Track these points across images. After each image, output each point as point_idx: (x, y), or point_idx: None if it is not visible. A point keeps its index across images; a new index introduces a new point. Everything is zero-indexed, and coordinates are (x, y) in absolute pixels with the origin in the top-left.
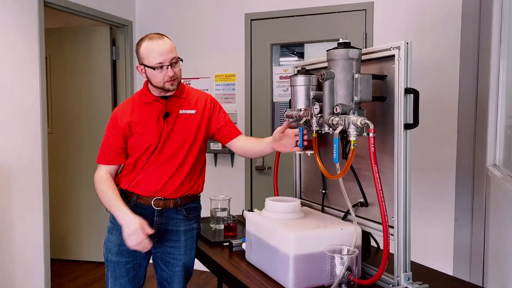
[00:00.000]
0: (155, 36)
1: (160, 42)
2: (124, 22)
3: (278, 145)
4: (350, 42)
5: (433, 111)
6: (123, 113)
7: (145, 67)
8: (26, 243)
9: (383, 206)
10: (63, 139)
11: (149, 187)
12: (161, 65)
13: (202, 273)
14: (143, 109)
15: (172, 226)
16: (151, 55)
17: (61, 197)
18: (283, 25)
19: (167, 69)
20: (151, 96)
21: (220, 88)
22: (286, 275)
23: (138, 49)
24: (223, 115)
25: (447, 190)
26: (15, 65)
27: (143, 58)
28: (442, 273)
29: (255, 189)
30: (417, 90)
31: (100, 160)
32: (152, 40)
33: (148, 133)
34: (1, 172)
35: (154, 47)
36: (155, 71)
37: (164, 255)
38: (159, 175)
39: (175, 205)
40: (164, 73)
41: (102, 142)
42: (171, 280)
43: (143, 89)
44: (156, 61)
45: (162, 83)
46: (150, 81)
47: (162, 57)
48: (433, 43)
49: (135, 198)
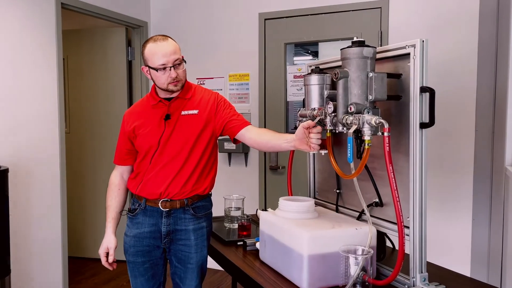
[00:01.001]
0: (159, 38)
1: (164, 44)
2: (140, 23)
3: (300, 143)
4: (364, 40)
5: (450, 110)
6: (130, 116)
7: (149, 68)
8: (44, 241)
9: (398, 206)
10: (81, 139)
11: (154, 190)
12: (164, 66)
13: (216, 272)
14: (149, 112)
15: (181, 226)
16: (155, 56)
17: (78, 195)
18: (297, 24)
19: (170, 70)
20: (157, 98)
21: (234, 87)
22: (300, 275)
23: (143, 50)
24: (228, 110)
25: (464, 190)
26: (33, 66)
27: (147, 59)
28: (459, 274)
29: (269, 188)
30: (433, 89)
31: (114, 160)
32: (156, 42)
33: (149, 135)
34: (20, 171)
35: (158, 48)
36: (158, 73)
37: (177, 252)
38: (162, 177)
39: (182, 205)
40: (167, 75)
41: (117, 143)
42: (184, 276)
43: (151, 91)
44: (159, 62)
45: (165, 84)
46: (154, 82)
47: (165, 58)
48: (450, 41)
49: (144, 201)
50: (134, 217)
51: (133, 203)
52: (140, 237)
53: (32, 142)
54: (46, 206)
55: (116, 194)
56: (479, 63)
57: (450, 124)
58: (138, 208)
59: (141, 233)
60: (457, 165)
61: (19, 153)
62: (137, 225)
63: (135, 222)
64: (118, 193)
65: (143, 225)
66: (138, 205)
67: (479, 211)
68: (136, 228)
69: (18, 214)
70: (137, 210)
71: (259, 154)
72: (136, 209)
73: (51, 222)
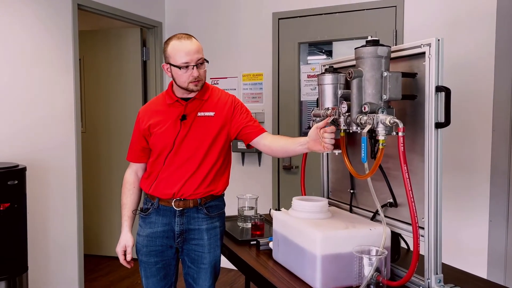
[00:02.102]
0: (183, 36)
1: (188, 42)
2: (154, 24)
3: (314, 144)
4: (379, 39)
5: (467, 109)
6: (145, 113)
7: (171, 66)
8: (61, 238)
9: (413, 207)
10: (96, 138)
11: (167, 190)
12: (187, 65)
13: (230, 271)
14: (165, 110)
15: (194, 225)
16: (178, 54)
17: (94, 194)
18: (311, 23)
19: (192, 69)
20: (174, 97)
21: (248, 87)
22: (313, 275)
23: (165, 47)
24: (244, 115)
25: (480, 191)
26: (50, 67)
27: (169, 57)
28: (475, 276)
29: (282, 188)
30: (448, 88)
31: (128, 157)
32: (180, 40)
33: (164, 134)
34: (37, 170)
35: (181, 46)
36: (181, 71)
37: (190, 251)
38: (176, 178)
39: (195, 205)
40: (189, 73)
41: (131, 140)
42: (197, 276)
43: (168, 89)
44: (182, 60)
45: (186, 83)
46: (174, 80)
47: (189, 57)
48: (466, 40)
49: (157, 201)
50: (147, 216)
51: (146, 203)
52: (153, 236)
53: (49, 141)
54: (63, 204)
55: (131, 192)
56: (496, 63)
57: (467, 124)
58: (151, 207)
59: (154, 232)
60: (473, 165)
61: (36, 152)
62: (150, 225)
63: (148, 221)
64: (133, 191)
65: (156, 225)
66: (151, 205)
67: (496, 212)
68: (149, 227)
69: (35, 212)
70: (150, 210)
71: None
72: (149, 209)
73: (68, 220)
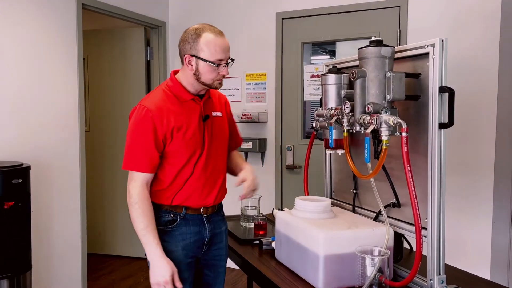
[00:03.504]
0: (217, 30)
1: (223, 39)
2: (158, 23)
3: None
4: (382, 40)
5: (470, 110)
6: (161, 113)
7: (199, 59)
8: (64, 237)
9: (416, 207)
10: (100, 137)
11: (202, 200)
12: (221, 62)
13: (232, 270)
14: (181, 110)
15: (218, 229)
16: (214, 49)
17: (97, 193)
18: (314, 23)
19: (224, 67)
20: (188, 94)
21: (251, 87)
22: (316, 275)
23: (195, 39)
24: (233, 122)
25: (484, 192)
26: (54, 66)
27: (201, 50)
28: (478, 277)
29: (285, 188)
30: (452, 89)
31: (140, 168)
32: (216, 34)
33: (193, 138)
34: (41, 169)
35: (219, 42)
36: (211, 67)
37: (210, 260)
38: (210, 184)
39: (216, 208)
40: (219, 71)
41: (131, 145)
42: (214, 282)
43: (175, 84)
44: (218, 57)
45: (212, 80)
46: (199, 76)
47: (224, 54)
48: (470, 41)
49: (184, 211)
50: (175, 228)
51: (165, 215)
52: (187, 249)
53: (53, 140)
54: (66, 203)
55: (151, 209)
56: (501, 63)
57: (470, 125)
58: (178, 218)
59: (187, 244)
60: (477, 166)
61: (40, 151)
62: (181, 236)
63: (177, 233)
64: (151, 208)
65: (187, 235)
66: (174, 215)
67: (499, 213)
68: (182, 239)
69: (39, 211)
70: (177, 221)
71: (276, 153)
72: (176, 220)
73: (71, 219)
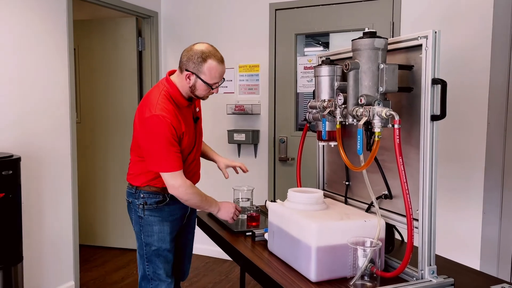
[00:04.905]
0: (220, 57)
1: (223, 66)
2: (150, 13)
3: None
4: (376, 31)
5: (462, 102)
6: (175, 121)
7: (198, 79)
8: (56, 229)
9: (408, 199)
10: (91, 128)
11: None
12: (216, 84)
13: (225, 262)
14: (183, 115)
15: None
16: (214, 75)
17: (89, 184)
18: (308, 14)
19: (216, 87)
20: (184, 100)
21: (244, 78)
22: (308, 266)
23: (200, 62)
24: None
25: (475, 183)
26: (45, 56)
27: (203, 73)
28: (468, 268)
29: (278, 180)
30: (444, 81)
31: (177, 168)
32: (219, 63)
33: (189, 138)
34: (32, 160)
35: (219, 69)
36: (206, 86)
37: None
38: (194, 171)
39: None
40: (212, 90)
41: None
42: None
43: (173, 90)
44: (215, 81)
45: (203, 95)
46: (193, 89)
47: (221, 78)
48: (463, 33)
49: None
50: (164, 206)
51: (156, 197)
52: (174, 223)
53: (44, 132)
54: (58, 194)
55: (197, 188)
56: (493, 55)
57: (462, 117)
58: (167, 198)
59: (176, 219)
60: (468, 158)
61: (31, 143)
62: (170, 212)
63: (167, 209)
64: (196, 188)
65: (175, 211)
66: (164, 196)
67: (490, 204)
68: (170, 215)
69: (30, 203)
70: (166, 201)
71: (269, 145)
72: (165, 200)
73: (63, 211)
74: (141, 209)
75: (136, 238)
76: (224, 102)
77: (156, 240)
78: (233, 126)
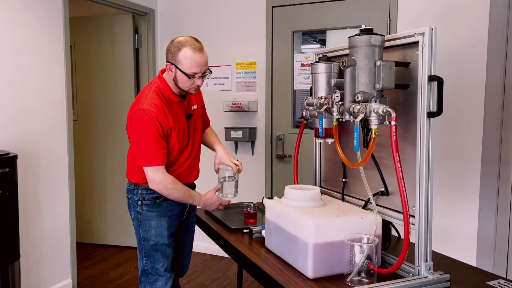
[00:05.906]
0: (197, 46)
1: (200, 55)
2: (147, 10)
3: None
4: (372, 28)
5: (458, 99)
6: (162, 116)
7: (178, 69)
8: (53, 227)
9: (404, 195)
10: (88, 126)
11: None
12: (195, 75)
13: (222, 259)
14: (173, 110)
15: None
16: (190, 64)
17: (86, 182)
18: (305, 11)
19: (198, 79)
20: (175, 96)
21: (241, 76)
22: (305, 262)
23: (176, 51)
24: (204, 106)
25: (471, 180)
26: (41, 54)
27: (179, 62)
28: (464, 264)
29: (275, 177)
30: (441, 78)
31: (158, 162)
32: (194, 51)
33: (183, 134)
34: (29, 158)
35: (195, 57)
36: (187, 78)
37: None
38: (191, 168)
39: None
40: (193, 82)
41: (145, 145)
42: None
43: (164, 86)
44: (192, 70)
45: (188, 88)
46: (176, 82)
47: (199, 68)
48: (459, 30)
49: None
50: (163, 201)
51: (154, 192)
52: (172, 219)
53: (41, 129)
54: (55, 192)
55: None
56: (489, 53)
57: (458, 114)
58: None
59: (173, 215)
60: (464, 154)
61: (27, 140)
62: (168, 207)
63: (165, 205)
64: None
65: (173, 207)
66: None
67: (486, 201)
68: (168, 210)
69: (27, 200)
70: (163, 197)
71: (266, 142)
72: (161, 196)
73: (59, 208)
74: (139, 205)
75: (135, 234)
76: (221, 99)
77: (154, 235)
78: (230, 124)
